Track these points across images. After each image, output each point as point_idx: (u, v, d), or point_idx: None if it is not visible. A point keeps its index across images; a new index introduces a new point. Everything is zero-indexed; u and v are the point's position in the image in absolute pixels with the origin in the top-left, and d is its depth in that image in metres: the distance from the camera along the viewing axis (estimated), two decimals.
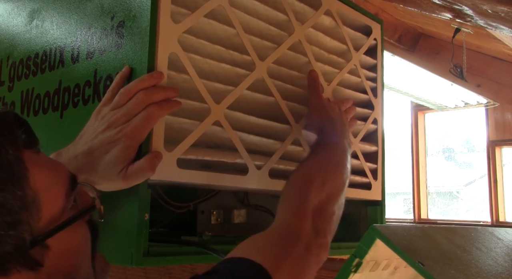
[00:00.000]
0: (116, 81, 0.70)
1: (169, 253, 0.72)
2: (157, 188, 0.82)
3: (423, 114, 4.49)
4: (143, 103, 0.66)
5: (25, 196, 0.46)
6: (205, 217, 0.91)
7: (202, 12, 0.76)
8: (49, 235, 0.48)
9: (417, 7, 1.99)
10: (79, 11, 0.83)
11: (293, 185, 0.74)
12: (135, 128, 0.65)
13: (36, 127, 0.87)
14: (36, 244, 0.47)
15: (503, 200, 3.94)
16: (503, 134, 3.99)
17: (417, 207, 4.33)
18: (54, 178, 0.50)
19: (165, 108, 0.67)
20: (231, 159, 0.78)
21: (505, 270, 0.79)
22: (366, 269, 0.75)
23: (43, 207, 0.47)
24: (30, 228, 0.46)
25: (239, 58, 0.82)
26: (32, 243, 0.46)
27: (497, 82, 3.78)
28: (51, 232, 0.48)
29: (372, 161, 1.07)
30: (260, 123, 0.84)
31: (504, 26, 1.73)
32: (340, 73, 1.00)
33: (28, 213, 0.46)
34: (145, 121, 0.65)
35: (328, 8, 0.98)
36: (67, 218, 0.50)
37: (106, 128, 0.66)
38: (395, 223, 4.12)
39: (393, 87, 3.17)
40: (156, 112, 0.66)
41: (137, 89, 0.67)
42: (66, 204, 0.50)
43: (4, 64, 0.99)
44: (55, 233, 0.48)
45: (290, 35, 0.90)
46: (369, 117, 1.07)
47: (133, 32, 0.72)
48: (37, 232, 0.47)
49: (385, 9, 3.20)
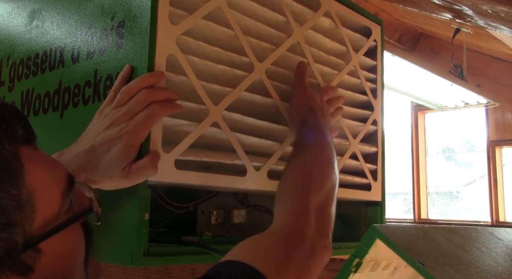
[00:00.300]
0: (118, 81, 0.70)
1: (169, 253, 0.72)
2: (157, 188, 0.82)
3: (423, 114, 4.49)
4: (145, 102, 0.66)
5: (20, 195, 0.43)
6: (205, 217, 0.91)
7: (200, 14, 0.76)
8: (43, 238, 0.45)
9: (417, 7, 1.99)
10: (79, 11, 0.83)
11: (292, 184, 0.71)
12: (137, 126, 0.65)
13: (36, 127, 0.87)
14: (29, 248, 0.44)
15: (503, 200, 3.94)
16: (503, 134, 3.99)
17: (417, 207, 4.33)
18: (51, 177, 0.47)
19: (167, 108, 0.67)
20: (229, 160, 0.78)
21: (505, 270, 0.79)
22: (366, 269, 0.75)
23: (38, 207, 0.45)
24: (23, 230, 0.43)
25: (238, 59, 0.82)
26: (25, 246, 0.43)
27: (497, 82, 3.78)
28: (45, 235, 0.45)
29: (372, 162, 1.07)
30: (259, 124, 0.84)
31: (504, 26, 1.73)
32: (339, 74, 1.01)
33: (22, 214, 0.43)
34: (146, 119, 0.65)
35: (327, 10, 0.98)
36: (62, 221, 0.47)
37: (108, 127, 0.66)
38: (395, 223, 4.12)
39: (393, 87, 3.17)
40: (158, 111, 0.66)
41: (139, 87, 0.67)
42: (62, 205, 0.48)
43: (4, 64, 0.99)
44: (49, 236, 0.45)
45: (289, 36, 0.90)
46: (369, 119, 1.07)
47: (133, 32, 0.72)
48: (30, 235, 0.44)
49: (385, 9, 3.20)
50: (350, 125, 1.03)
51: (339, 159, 0.99)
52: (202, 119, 0.74)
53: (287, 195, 0.70)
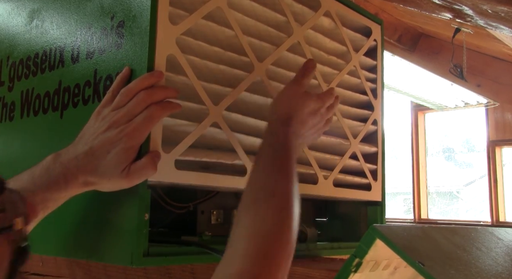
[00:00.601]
0: (116, 82, 0.70)
1: (169, 253, 0.72)
2: (157, 188, 0.82)
3: (423, 114, 4.50)
4: (144, 103, 0.66)
5: None
6: (205, 217, 0.91)
7: (200, 14, 0.76)
8: None
9: (417, 7, 1.99)
10: (79, 11, 0.83)
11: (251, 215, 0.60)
12: (136, 128, 0.65)
13: (36, 128, 0.87)
14: None
15: (503, 200, 3.94)
16: (503, 134, 3.99)
17: (417, 207, 4.33)
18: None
19: (166, 108, 0.67)
20: (229, 160, 0.78)
21: (505, 270, 0.79)
22: (366, 269, 0.75)
23: None
24: None
25: (238, 59, 0.82)
26: None
27: (497, 82, 3.78)
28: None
29: (372, 162, 1.07)
30: (259, 124, 0.84)
31: (504, 26, 1.73)
32: (339, 74, 1.00)
33: None
34: (146, 121, 0.65)
35: (328, 9, 0.98)
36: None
37: (107, 129, 0.66)
38: (395, 223, 4.12)
39: (393, 87, 3.18)
40: (157, 113, 0.66)
41: (138, 89, 0.67)
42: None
43: (4, 64, 0.99)
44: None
45: (289, 36, 0.90)
46: (369, 119, 1.07)
47: (133, 32, 0.72)
48: None
49: (385, 9, 3.21)
50: (350, 125, 1.03)
51: (339, 159, 0.99)
52: (202, 119, 0.74)
53: (245, 234, 0.59)
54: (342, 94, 1.02)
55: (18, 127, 0.91)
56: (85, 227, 0.74)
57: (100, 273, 0.89)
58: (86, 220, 0.74)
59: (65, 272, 0.94)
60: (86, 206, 0.74)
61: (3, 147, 0.94)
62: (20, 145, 0.91)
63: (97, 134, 0.66)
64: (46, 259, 0.96)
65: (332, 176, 0.96)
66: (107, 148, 0.65)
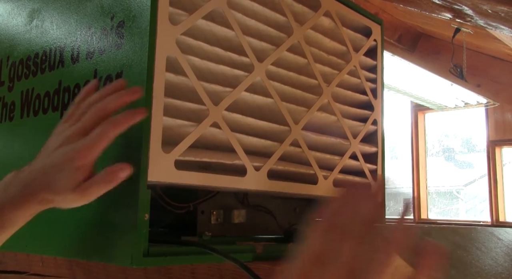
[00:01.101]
0: (79, 95, 0.68)
1: (169, 253, 0.72)
2: (157, 188, 0.82)
3: (423, 114, 4.50)
4: (98, 118, 0.63)
5: None
6: (205, 217, 0.91)
7: (200, 14, 0.76)
8: None
9: (417, 7, 1.99)
10: (79, 11, 0.83)
11: None
12: (87, 147, 0.62)
13: (36, 128, 0.87)
14: None
15: (503, 200, 3.94)
16: (503, 134, 3.99)
17: (417, 207, 4.33)
18: None
19: (121, 125, 0.63)
20: (229, 160, 0.78)
21: (505, 270, 0.79)
22: None
23: None
24: None
25: (238, 59, 0.82)
26: None
27: (497, 82, 3.78)
28: None
29: (371, 162, 1.07)
30: (259, 124, 0.84)
31: (504, 26, 1.73)
32: (339, 74, 1.00)
33: None
34: (98, 139, 0.62)
35: (328, 9, 0.98)
36: None
37: (60, 145, 0.63)
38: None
39: (393, 87, 3.17)
40: (110, 133, 0.62)
41: (92, 102, 0.64)
42: None
43: (4, 64, 0.99)
44: None
45: (289, 36, 0.90)
46: (369, 119, 1.07)
47: (133, 32, 0.72)
48: None
49: (385, 9, 3.21)
50: (350, 125, 1.03)
51: (339, 159, 0.99)
52: (202, 119, 0.74)
53: None
54: (342, 94, 1.02)
55: (18, 127, 0.91)
56: (85, 227, 0.74)
57: (100, 273, 0.89)
58: (86, 220, 0.74)
59: (65, 272, 0.94)
60: (86, 206, 0.74)
61: (3, 147, 0.94)
62: (20, 145, 0.91)
63: (51, 151, 0.64)
64: (46, 259, 0.96)
65: (332, 176, 0.96)
66: (60, 166, 0.62)
